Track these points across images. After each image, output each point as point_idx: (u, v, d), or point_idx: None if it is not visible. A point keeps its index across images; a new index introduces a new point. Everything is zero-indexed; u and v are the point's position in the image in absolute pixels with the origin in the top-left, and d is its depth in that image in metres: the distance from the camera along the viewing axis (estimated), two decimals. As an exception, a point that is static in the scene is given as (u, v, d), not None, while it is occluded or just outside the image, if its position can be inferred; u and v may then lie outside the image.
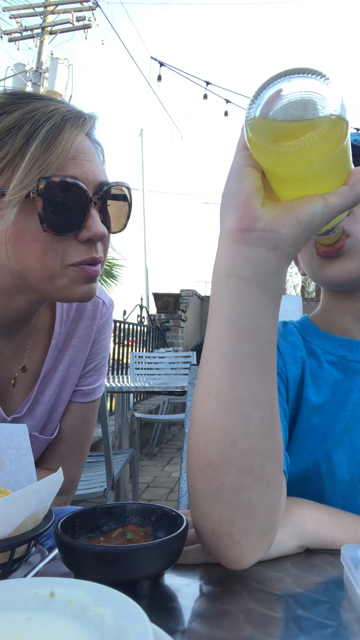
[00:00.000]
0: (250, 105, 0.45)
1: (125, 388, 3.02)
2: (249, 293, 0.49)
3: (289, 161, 0.44)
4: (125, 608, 0.32)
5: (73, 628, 0.32)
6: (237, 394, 0.49)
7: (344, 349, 0.80)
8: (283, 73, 0.45)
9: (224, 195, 0.51)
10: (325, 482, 0.74)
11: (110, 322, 1.01)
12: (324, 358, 0.80)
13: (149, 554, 0.47)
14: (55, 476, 0.51)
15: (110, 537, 0.54)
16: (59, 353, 0.93)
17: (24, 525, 0.49)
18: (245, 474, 0.49)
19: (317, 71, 0.43)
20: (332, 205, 0.47)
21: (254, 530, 0.50)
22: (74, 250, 0.73)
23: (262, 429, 0.50)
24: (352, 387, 0.77)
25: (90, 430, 1.01)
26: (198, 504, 0.52)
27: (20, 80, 11.47)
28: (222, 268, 0.50)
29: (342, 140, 0.43)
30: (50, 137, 0.70)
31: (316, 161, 0.43)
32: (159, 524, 0.56)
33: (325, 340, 0.82)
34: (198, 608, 0.48)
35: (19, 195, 0.69)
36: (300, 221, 0.47)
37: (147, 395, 6.47)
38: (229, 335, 0.49)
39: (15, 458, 0.62)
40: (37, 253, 0.72)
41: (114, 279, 10.56)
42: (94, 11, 11.71)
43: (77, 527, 0.54)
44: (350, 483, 0.73)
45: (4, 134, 0.71)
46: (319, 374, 0.79)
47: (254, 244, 0.48)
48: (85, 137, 0.76)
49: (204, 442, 0.50)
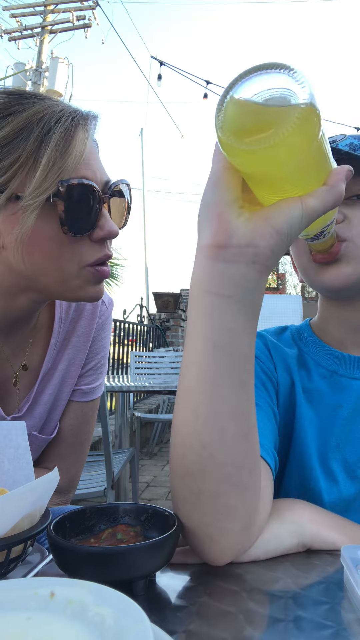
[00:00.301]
0: (219, 107, 0.44)
1: (126, 387, 3.02)
2: (226, 310, 0.48)
3: (259, 160, 0.42)
4: (125, 608, 0.32)
5: (73, 628, 0.32)
6: (214, 408, 0.50)
7: (335, 362, 0.79)
8: (250, 70, 0.43)
9: (201, 206, 0.49)
10: (324, 499, 0.74)
11: (110, 321, 1.01)
12: (315, 371, 0.80)
13: (143, 554, 0.47)
14: (51, 475, 0.51)
15: (100, 537, 0.54)
16: (59, 352, 0.93)
17: (20, 524, 0.49)
18: (222, 482, 0.51)
19: (284, 65, 0.41)
20: (310, 208, 0.45)
21: (233, 530, 0.52)
22: (89, 250, 0.75)
23: (239, 441, 0.51)
24: (341, 402, 0.76)
25: (90, 430, 1.01)
26: (179, 507, 0.54)
27: (20, 79, 11.48)
28: (198, 284, 0.49)
29: (314, 135, 0.41)
30: (64, 141, 0.70)
31: (288, 158, 0.41)
32: (150, 523, 0.56)
33: (320, 350, 0.81)
34: (198, 608, 0.47)
35: (39, 200, 0.69)
36: (278, 231, 0.45)
37: (147, 395, 6.47)
38: (206, 352, 0.49)
39: (14, 457, 0.61)
40: (54, 255, 0.72)
41: (114, 279, 10.57)
42: (94, 10, 11.71)
43: (67, 529, 0.54)
44: (346, 500, 0.73)
45: (13, 136, 0.70)
46: (308, 386, 0.79)
47: (230, 260, 0.47)
48: (89, 137, 0.77)
49: (183, 453, 0.52)
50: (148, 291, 10.99)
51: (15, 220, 0.71)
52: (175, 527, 0.50)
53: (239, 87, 0.43)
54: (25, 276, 0.75)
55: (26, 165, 0.70)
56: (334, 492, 0.73)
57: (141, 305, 7.40)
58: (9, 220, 0.71)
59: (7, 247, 0.73)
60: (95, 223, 0.74)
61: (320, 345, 0.81)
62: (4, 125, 0.70)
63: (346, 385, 0.77)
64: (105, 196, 0.75)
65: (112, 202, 0.78)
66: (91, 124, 0.76)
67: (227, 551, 0.53)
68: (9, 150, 0.70)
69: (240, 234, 0.46)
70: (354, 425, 0.75)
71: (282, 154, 0.40)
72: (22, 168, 0.70)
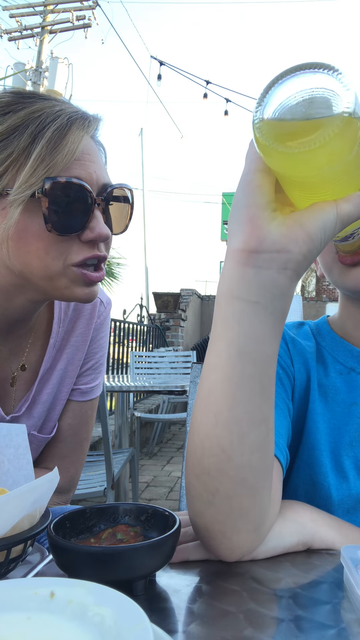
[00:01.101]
0: (257, 106, 0.43)
1: (125, 387, 3.02)
2: (254, 317, 0.47)
3: (297, 163, 0.41)
4: (125, 608, 0.32)
5: (73, 628, 0.32)
6: (235, 414, 0.50)
7: (354, 360, 0.77)
8: (291, 69, 0.42)
9: (232, 208, 0.48)
10: (333, 496, 0.73)
11: (108, 321, 1.01)
12: (332, 367, 0.78)
13: (143, 554, 0.47)
14: (51, 475, 0.51)
15: (100, 538, 0.54)
16: (57, 352, 0.93)
17: (20, 524, 0.49)
18: (239, 484, 0.51)
19: (328, 65, 0.40)
20: (344, 214, 0.45)
21: (245, 529, 0.53)
22: (77, 250, 0.74)
23: (257, 446, 0.51)
24: (357, 400, 0.75)
25: (89, 429, 1.01)
26: (193, 503, 0.54)
27: (20, 79, 11.48)
28: (227, 289, 0.49)
29: (355, 141, 0.40)
30: (56, 138, 0.70)
31: (327, 163, 0.40)
32: (150, 523, 0.56)
33: (339, 347, 0.79)
34: (198, 608, 0.47)
35: (24, 195, 0.69)
36: (311, 237, 0.45)
37: (147, 395, 6.48)
38: (230, 356, 0.49)
39: (14, 457, 0.61)
40: (40, 252, 0.72)
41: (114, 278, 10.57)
42: (94, 10, 11.71)
43: (67, 529, 0.54)
44: (355, 497, 0.72)
45: (9, 132, 0.70)
46: (324, 382, 0.78)
47: (261, 265, 0.46)
48: (90, 139, 0.76)
49: (201, 454, 0.52)
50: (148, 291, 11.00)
51: (4, 216, 0.71)
52: (176, 528, 0.50)
53: (280, 86, 0.42)
54: (17, 273, 0.75)
55: (18, 161, 0.70)
56: (343, 489, 0.73)
57: (141, 305, 7.40)
58: (0, 216, 0.71)
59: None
60: (86, 224, 0.73)
61: (339, 342, 0.80)
62: (2, 122, 0.71)
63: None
64: (99, 198, 0.74)
65: (113, 205, 0.78)
66: (90, 125, 0.75)
67: (237, 549, 0.54)
68: (3, 145, 0.70)
69: (272, 239, 0.45)
70: None
71: (322, 158, 0.40)
72: (14, 164, 0.70)
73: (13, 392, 0.88)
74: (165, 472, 4.36)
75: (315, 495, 0.73)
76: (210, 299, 10.91)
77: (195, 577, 0.54)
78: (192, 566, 0.56)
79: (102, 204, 0.75)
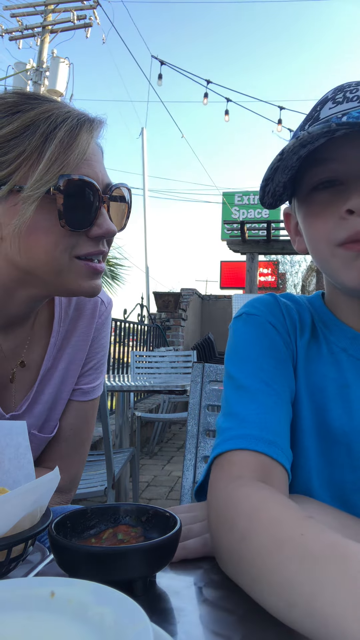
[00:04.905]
0: None
1: (126, 387, 3.02)
2: None
3: None
4: (125, 608, 0.32)
5: (73, 628, 0.32)
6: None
7: (347, 341, 0.74)
8: None
9: None
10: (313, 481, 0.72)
11: (109, 321, 1.02)
12: (326, 347, 0.75)
13: (143, 554, 0.47)
14: (51, 475, 0.51)
15: (101, 538, 0.54)
16: (58, 351, 0.93)
17: (21, 524, 0.49)
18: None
19: None
20: None
21: None
22: (82, 244, 0.77)
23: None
24: (348, 382, 0.72)
25: (90, 429, 1.01)
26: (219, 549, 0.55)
27: (21, 79, 11.48)
28: None
29: None
30: (69, 138, 0.73)
31: None
32: (150, 523, 0.56)
33: (332, 327, 0.76)
34: (198, 609, 0.47)
35: (40, 192, 0.71)
36: None
37: (147, 394, 6.47)
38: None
39: (14, 457, 0.61)
40: (49, 247, 0.74)
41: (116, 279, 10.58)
42: (94, 10, 11.70)
43: (68, 528, 0.54)
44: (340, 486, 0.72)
45: (20, 131, 0.73)
46: (316, 359, 0.75)
47: None
48: (93, 140, 0.79)
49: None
50: (148, 291, 11.00)
51: (15, 212, 0.73)
52: (176, 529, 0.50)
53: None
54: (22, 269, 0.76)
55: (30, 159, 0.72)
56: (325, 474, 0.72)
57: (142, 304, 7.40)
58: (10, 212, 0.73)
59: (5, 238, 0.75)
60: (94, 221, 0.76)
61: (333, 320, 0.76)
62: (12, 121, 0.73)
63: (353, 365, 0.73)
64: (105, 196, 0.78)
65: (112, 204, 0.80)
66: (96, 128, 0.78)
67: None
68: (15, 144, 0.72)
69: None
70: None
71: None
72: (26, 161, 0.72)
73: (13, 388, 0.89)
74: (166, 472, 4.36)
75: (295, 481, 0.71)
76: (211, 299, 10.92)
77: (195, 578, 0.54)
78: (193, 567, 0.56)
79: (107, 201, 0.78)
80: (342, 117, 0.58)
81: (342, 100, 0.66)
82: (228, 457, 0.64)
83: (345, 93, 0.66)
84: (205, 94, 9.20)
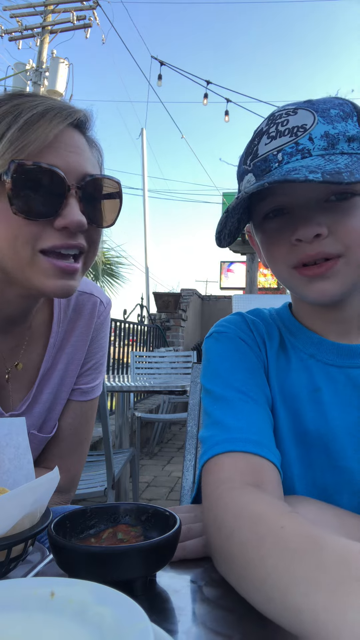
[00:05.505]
0: None
1: (126, 387, 3.02)
2: None
3: None
4: (125, 608, 0.32)
5: (73, 628, 0.32)
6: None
7: (314, 347, 0.77)
8: None
9: None
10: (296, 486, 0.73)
11: (108, 321, 1.01)
12: (294, 355, 0.77)
13: (143, 554, 0.47)
14: (51, 475, 0.51)
15: (101, 537, 0.54)
16: (58, 352, 0.93)
17: (21, 524, 0.49)
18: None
19: None
20: None
21: None
22: (48, 236, 0.72)
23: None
24: (319, 385, 0.74)
25: (89, 429, 1.01)
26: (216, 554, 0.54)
27: (21, 79, 11.48)
28: None
29: None
30: (28, 123, 0.70)
31: None
32: (150, 523, 0.56)
33: (298, 334, 0.79)
34: (198, 608, 0.47)
35: None
36: None
37: (147, 395, 6.48)
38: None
39: (14, 457, 0.61)
40: (9, 237, 0.71)
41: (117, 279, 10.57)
42: (94, 10, 11.70)
43: (68, 528, 0.54)
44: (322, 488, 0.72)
45: None
46: (286, 368, 0.77)
47: None
48: (75, 131, 0.76)
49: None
50: (148, 291, 10.98)
51: None
52: (176, 528, 0.50)
53: None
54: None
55: None
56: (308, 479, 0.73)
57: (141, 305, 7.39)
58: None
59: None
60: (58, 211, 0.71)
61: (299, 328, 0.79)
62: None
63: (321, 370, 0.75)
64: (74, 186, 0.72)
65: (93, 196, 0.76)
66: (70, 116, 0.74)
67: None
68: None
69: None
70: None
71: None
72: None
73: (9, 389, 0.88)
74: (166, 472, 4.36)
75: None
76: (211, 299, 10.91)
77: (195, 576, 0.54)
78: (193, 566, 0.56)
79: (78, 192, 0.73)
80: (278, 154, 0.66)
81: (275, 135, 0.68)
82: (215, 461, 0.64)
83: (277, 126, 0.69)
84: (205, 95, 9.22)
